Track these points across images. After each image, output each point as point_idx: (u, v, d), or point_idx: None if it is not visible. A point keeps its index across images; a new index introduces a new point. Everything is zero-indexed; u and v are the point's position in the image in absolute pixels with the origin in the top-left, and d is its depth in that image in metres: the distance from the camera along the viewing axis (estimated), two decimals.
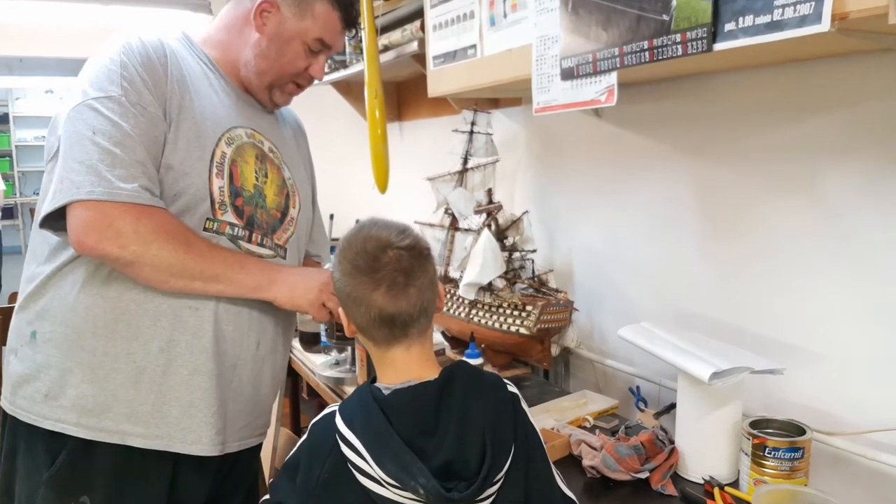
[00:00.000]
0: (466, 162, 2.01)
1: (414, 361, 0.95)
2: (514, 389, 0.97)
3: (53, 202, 1.06)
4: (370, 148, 2.11)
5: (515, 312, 1.77)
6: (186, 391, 1.16)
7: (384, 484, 0.84)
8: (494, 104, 2.20)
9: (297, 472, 0.93)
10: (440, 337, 2.13)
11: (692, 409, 1.31)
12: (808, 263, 1.32)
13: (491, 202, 1.94)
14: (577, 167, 1.92)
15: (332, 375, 1.90)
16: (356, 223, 1.05)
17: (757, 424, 1.23)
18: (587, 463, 1.30)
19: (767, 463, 1.17)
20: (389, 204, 2.45)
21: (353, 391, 0.97)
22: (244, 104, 1.30)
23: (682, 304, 1.61)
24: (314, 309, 1.22)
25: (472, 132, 1.99)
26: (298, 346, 2.21)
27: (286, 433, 2.24)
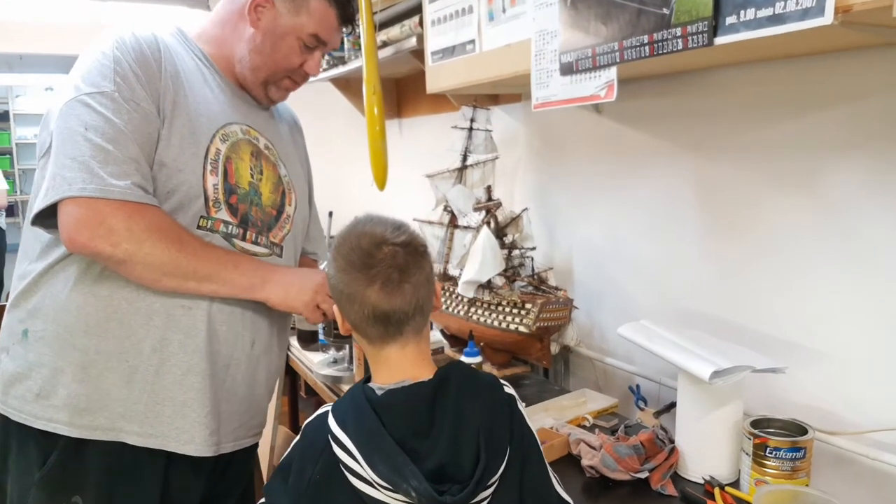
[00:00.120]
0: (466, 159, 2.00)
1: (409, 361, 0.93)
2: (510, 391, 0.96)
3: (45, 199, 1.05)
4: (369, 145, 2.10)
5: (515, 310, 1.76)
6: (180, 391, 1.15)
7: (376, 486, 0.83)
8: (494, 100, 2.18)
9: (290, 473, 0.92)
10: (439, 335, 2.12)
11: (692, 408, 1.29)
12: (809, 261, 1.31)
13: (490, 199, 1.93)
14: (577, 164, 1.91)
15: (329, 374, 1.89)
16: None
17: (758, 424, 1.22)
18: (586, 462, 1.29)
19: (769, 463, 1.16)
20: (389, 201, 2.44)
21: (346, 390, 0.96)
22: (239, 100, 1.29)
23: (682, 301, 1.60)
24: (308, 310, 1.21)
25: (471, 129, 1.98)
26: (296, 344, 2.20)
27: (284, 431, 2.23)
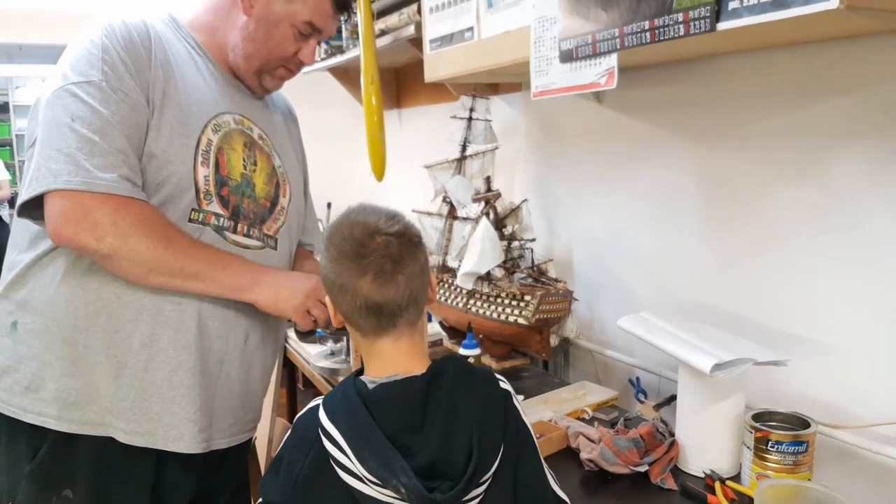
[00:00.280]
0: (465, 149, 1.98)
1: (402, 354, 0.92)
2: (506, 386, 0.94)
3: (29, 190, 1.03)
4: (367, 135, 2.08)
5: (514, 302, 1.74)
6: (168, 387, 1.13)
7: (366, 481, 0.81)
8: (494, 90, 2.16)
9: (281, 467, 0.91)
10: (438, 327, 2.10)
11: (693, 401, 1.28)
12: (812, 252, 1.29)
13: (489, 190, 1.91)
14: (577, 154, 1.89)
15: (326, 366, 1.88)
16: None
17: (760, 417, 1.20)
18: (585, 456, 1.28)
19: (770, 457, 1.14)
20: (388, 192, 2.42)
21: (338, 383, 0.95)
22: (233, 89, 1.26)
23: (684, 293, 1.58)
24: (298, 316, 1.18)
25: (470, 118, 1.96)
26: (293, 335, 2.18)
27: (283, 423, 2.21)
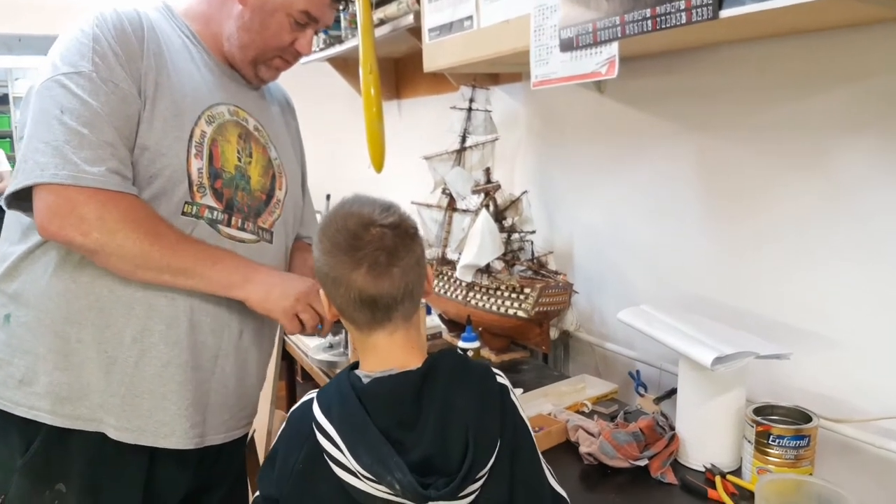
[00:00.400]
0: (465, 140, 1.96)
1: (398, 348, 0.90)
2: (503, 381, 0.93)
3: (16, 183, 1.02)
4: (366, 126, 2.06)
5: (513, 295, 1.73)
6: (159, 383, 1.11)
7: (360, 476, 0.80)
8: (494, 80, 2.14)
9: (276, 460, 0.90)
10: (437, 320, 2.09)
11: (694, 394, 1.27)
12: (815, 244, 1.27)
13: (489, 182, 1.89)
14: (578, 145, 1.87)
15: (325, 359, 1.87)
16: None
17: (761, 411, 1.19)
18: (584, 450, 1.27)
19: (771, 451, 1.13)
20: (387, 184, 2.40)
21: (333, 377, 0.93)
22: (228, 80, 1.24)
23: (685, 286, 1.57)
24: (286, 318, 1.15)
25: (470, 109, 1.94)
26: None
27: (281, 416, 2.20)
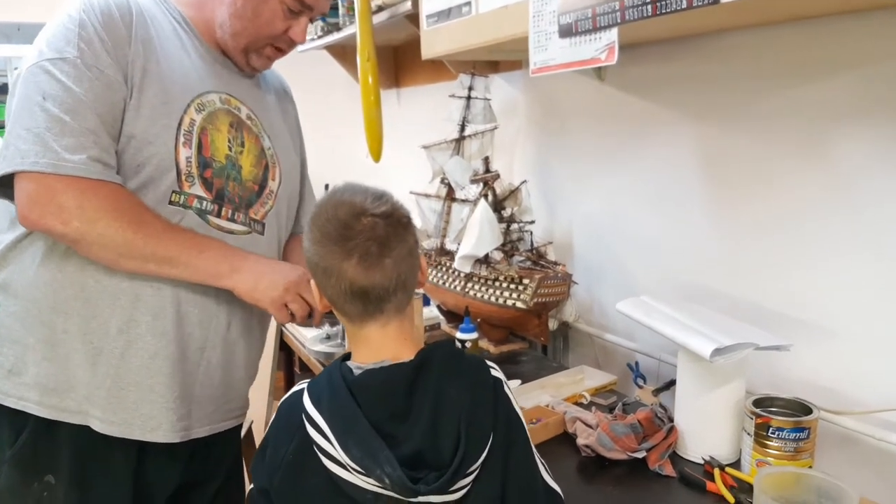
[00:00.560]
0: (464, 129, 1.94)
1: (390, 340, 0.89)
2: (497, 374, 0.91)
3: None
4: (363, 115, 2.04)
5: (512, 286, 1.71)
6: (146, 375, 1.10)
7: (349, 469, 0.79)
8: (493, 68, 2.11)
9: (267, 451, 0.89)
10: (436, 311, 2.08)
11: (693, 386, 1.25)
12: (816, 235, 1.26)
13: (488, 171, 1.87)
14: (578, 134, 1.85)
15: (322, 350, 1.85)
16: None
17: (760, 403, 1.18)
18: (581, 441, 1.25)
19: (771, 443, 1.12)
20: (386, 173, 2.38)
21: (325, 368, 0.92)
22: (220, 67, 1.22)
23: (685, 276, 1.55)
24: (274, 308, 1.13)
25: (469, 97, 1.92)
26: None
27: None
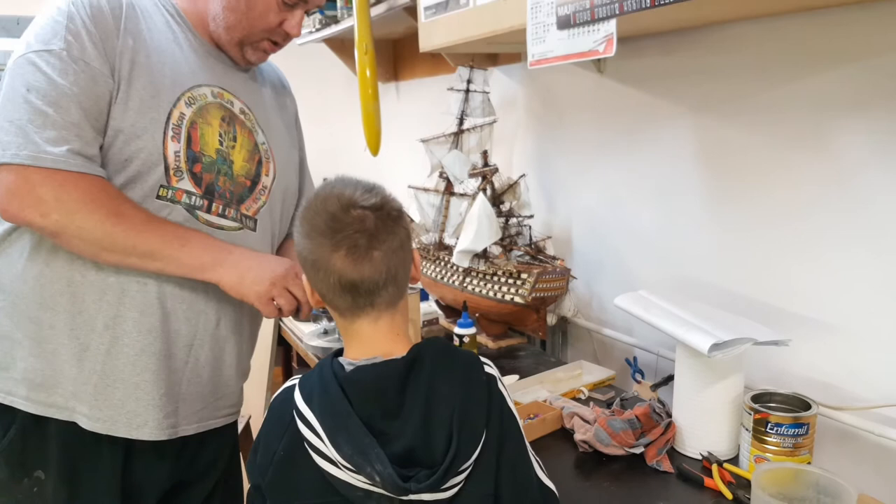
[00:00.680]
0: (462, 123, 1.93)
1: (382, 335, 0.88)
2: (491, 370, 0.90)
3: None
4: (361, 108, 2.03)
5: (510, 280, 1.70)
6: (132, 372, 1.09)
7: (340, 466, 0.78)
8: (493, 61, 2.10)
9: (259, 447, 0.88)
10: (434, 306, 2.07)
11: (691, 381, 1.25)
12: (816, 229, 1.25)
13: (487, 165, 1.86)
14: (577, 128, 1.84)
15: (319, 345, 1.85)
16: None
17: (759, 398, 1.17)
18: (579, 437, 1.25)
19: (769, 439, 1.11)
20: (385, 167, 2.37)
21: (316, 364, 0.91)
22: (214, 60, 1.20)
23: (684, 271, 1.54)
24: (261, 303, 1.11)
25: (468, 90, 1.90)
26: None
27: None
